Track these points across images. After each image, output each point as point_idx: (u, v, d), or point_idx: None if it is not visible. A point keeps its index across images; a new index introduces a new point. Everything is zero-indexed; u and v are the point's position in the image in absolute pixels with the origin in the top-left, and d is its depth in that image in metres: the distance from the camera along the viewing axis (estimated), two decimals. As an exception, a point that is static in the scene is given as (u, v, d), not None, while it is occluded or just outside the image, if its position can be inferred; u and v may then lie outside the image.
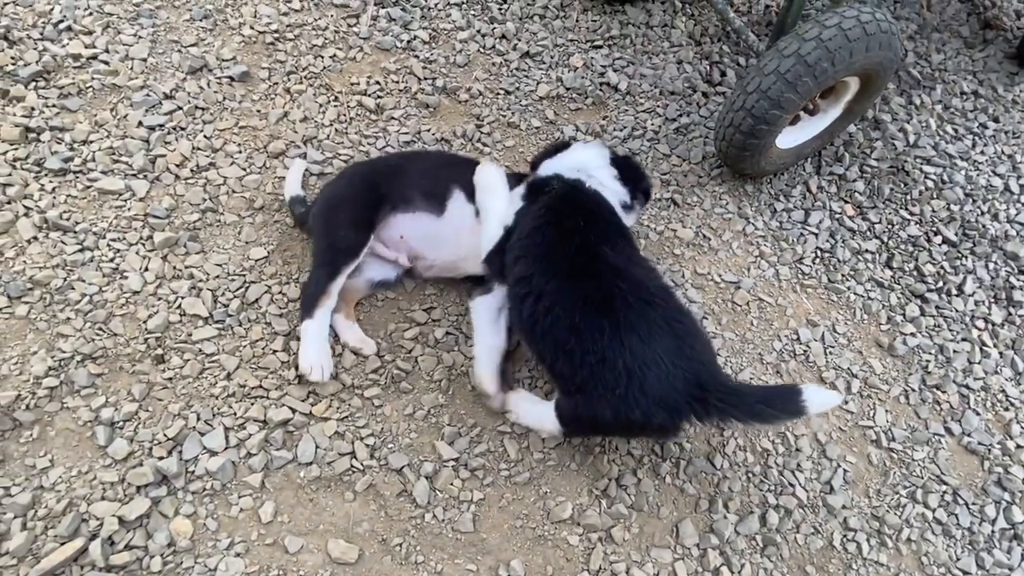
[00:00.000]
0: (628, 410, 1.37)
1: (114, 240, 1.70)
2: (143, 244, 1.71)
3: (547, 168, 1.72)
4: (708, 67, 2.41)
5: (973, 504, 1.75)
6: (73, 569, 1.31)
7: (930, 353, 1.97)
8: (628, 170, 1.75)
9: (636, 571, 1.48)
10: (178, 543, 1.37)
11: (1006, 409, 1.92)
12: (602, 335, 1.38)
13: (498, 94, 2.21)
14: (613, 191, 1.70)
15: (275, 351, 1.62)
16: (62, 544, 1.32)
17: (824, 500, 1.68)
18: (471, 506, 1.51)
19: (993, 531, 1.73)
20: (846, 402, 1.84)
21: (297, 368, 1.58)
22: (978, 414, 1.89)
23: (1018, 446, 1.87)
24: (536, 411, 1.58)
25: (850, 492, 1.71)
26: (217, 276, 1.70)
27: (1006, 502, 1.77)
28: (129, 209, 1.76)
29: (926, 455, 1.81)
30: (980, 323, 2.06)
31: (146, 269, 1.68)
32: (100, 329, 1.58)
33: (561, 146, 1.81)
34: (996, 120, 2.52)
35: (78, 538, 1.33)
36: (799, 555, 1.58)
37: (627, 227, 1.68)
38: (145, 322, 1.61)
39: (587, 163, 1.71)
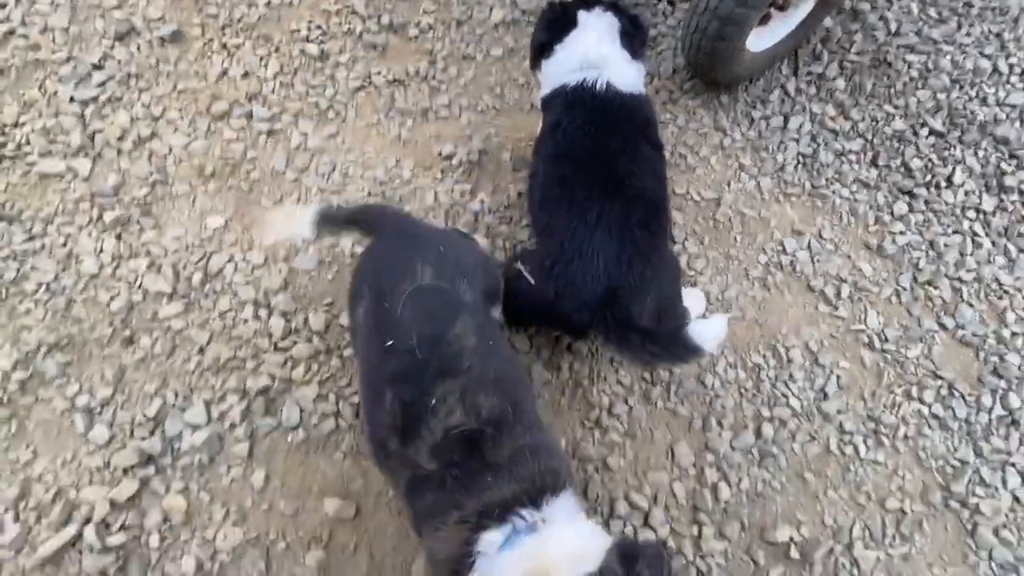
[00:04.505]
0: (548, 284, 1.39)
1: (63, 224, 1.63)
2: (94, 225, 1.64)
3: (554, 64, 1.62)
4: (672, -28, 2.25)
5: (969, 395, 1.74)
6: (72, 554, 1.32)
7: (920, 250, 1.92)
8: (636, 41, 1.66)
9: (634, 495, 1.49)
10: (173, 518, 1.37)
11: (1000, 298, 1.89)
12: (558, 208, 1.43)
13: (450, 26, 2.07)
14: (628, 71, 1.61)
15: (246, 320, 1.58)
16: (57, 531, 1.32)
17: (819, 407, 1.67)
18: (463, 451, 1.50)
19: (990, 419, 1.72)
20: (836, 308, 1.80)
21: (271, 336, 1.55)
22: (971, 306, 1.86)
23: (1013, 334, 1.84)
24: None
25: (844, 397, 1.70)
26: (176, 250, 1.64)
27: (1002, 390, 1.76)
28: (74, 191, 1.68)
29: (920, 352, 1.79)
30: (971, 213, 1.99)
31: (101, 251, 1.62)
32: (63, 317, 1.54)
33: (564, 23, 1.62)
34: (981, -4, 2.37)
35: (71, 524, 1.34)
36: (796, 463, 1.58)
37: (645, 118, 1.60)
38: (108, 305, 1.56)
39: (594, 52, 1.57)
